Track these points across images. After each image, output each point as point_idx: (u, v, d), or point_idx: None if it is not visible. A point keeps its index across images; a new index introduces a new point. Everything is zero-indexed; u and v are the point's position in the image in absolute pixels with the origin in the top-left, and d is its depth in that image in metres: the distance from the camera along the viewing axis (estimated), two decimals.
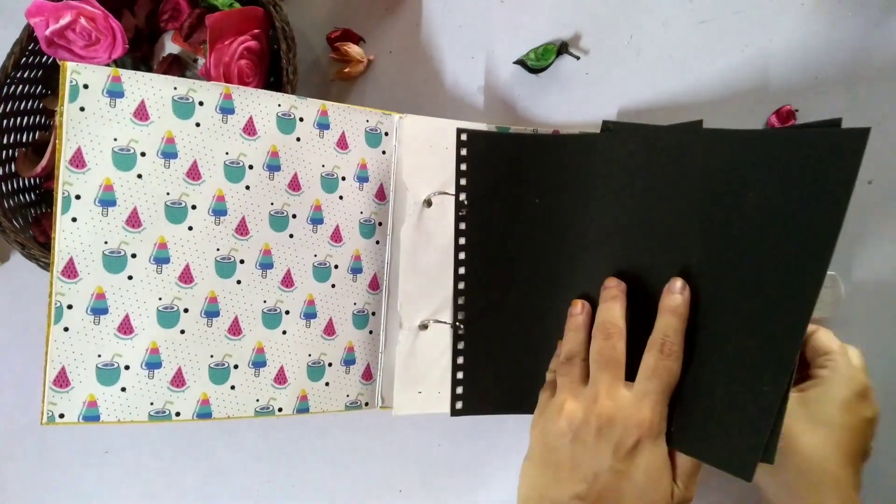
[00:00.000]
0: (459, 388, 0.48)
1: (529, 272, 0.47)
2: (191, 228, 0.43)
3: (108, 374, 0.41)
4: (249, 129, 0.44)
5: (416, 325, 0.48)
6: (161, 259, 0.42)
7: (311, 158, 0.47)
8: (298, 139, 0.46)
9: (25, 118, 0.54)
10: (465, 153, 0.47)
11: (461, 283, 0.48)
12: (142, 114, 0.41)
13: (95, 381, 0.41)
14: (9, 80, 0.50)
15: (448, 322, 0.48)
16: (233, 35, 0.49)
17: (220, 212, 0.44)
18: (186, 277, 0.43)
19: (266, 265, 0.45)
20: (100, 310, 0.41)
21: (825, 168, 0.34)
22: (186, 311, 0.43)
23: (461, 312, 0.48)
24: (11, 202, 0.52)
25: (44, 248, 0.49)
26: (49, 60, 0.54)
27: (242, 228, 0.44)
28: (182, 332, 0.43)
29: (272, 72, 0.54)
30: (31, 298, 0.58)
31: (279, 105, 0.45)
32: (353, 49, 0.55)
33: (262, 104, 0.45)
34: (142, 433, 0.58)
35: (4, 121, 0.52)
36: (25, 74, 0.52)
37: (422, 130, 0.48)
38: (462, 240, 0.48)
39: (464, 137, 0.47)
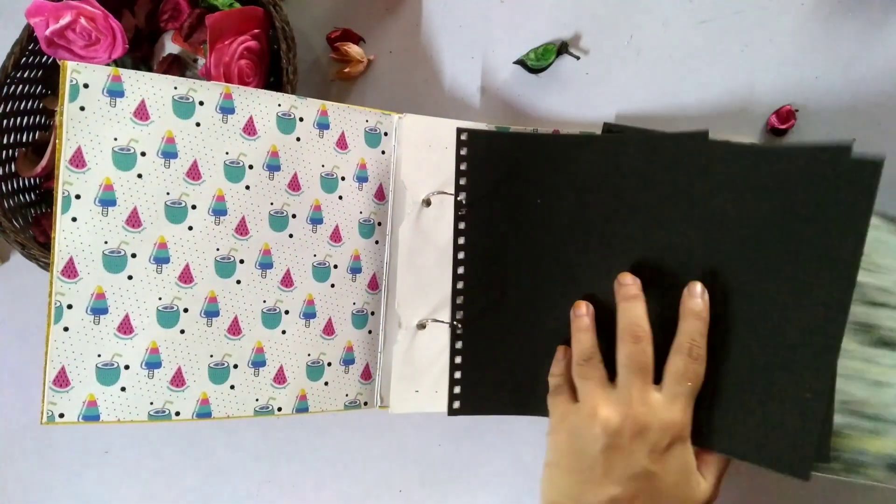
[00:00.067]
0: (457, 388, 0.48)
1: (528, 272, 0.47)
2: (191, 228, 0.43)
3: (108, 374, 0.41)
4: (249, 129, 0.44)
5: (415, 325, 0.48)
6: (161, 259, 0.42)
7: (311, 158, 0.47)
8: (298, 139, 0.46)
9: (25, 118, 0.54)
10: (465, 153, 0.47)
11: (460, 283, 0.48)
12: (142, 113, 0.41)
13: (95, 381, 0.41)
14: (9, 80, 0.50)
15: (446, 322, 0.48)
16: (233, 35, 0.49)
17: (220, 212, 0.44)
18: (186, 277, 0.43)
19: (266, 265, 0.45)
20: (100, 310, 0.41)
21: (838, 197, 0.37)
22: (186, 311, 0.43)
23: (460, 312, 0.48)
24: (11, 202, 0.52)
25: (44, 248, 0.49)
26: (49, 60, 0.54)
27: (242, 228, 0.44)
28: (182, 332, 0.43)
29: (272, 72, 0.54)
30: (31, 298, 0.58)
31: (279, 105, 0.45)
32: (353, 49, 0.55)
33: (262, 104, 0.45)
34: (142, 433, 0.58)
35: (4, 121, 0.52)
36: (25, 74, 0.52)
37: (421, 130, 0.48)
38: (461, 239, 0.48)
39: (464, 137, 0.47)
